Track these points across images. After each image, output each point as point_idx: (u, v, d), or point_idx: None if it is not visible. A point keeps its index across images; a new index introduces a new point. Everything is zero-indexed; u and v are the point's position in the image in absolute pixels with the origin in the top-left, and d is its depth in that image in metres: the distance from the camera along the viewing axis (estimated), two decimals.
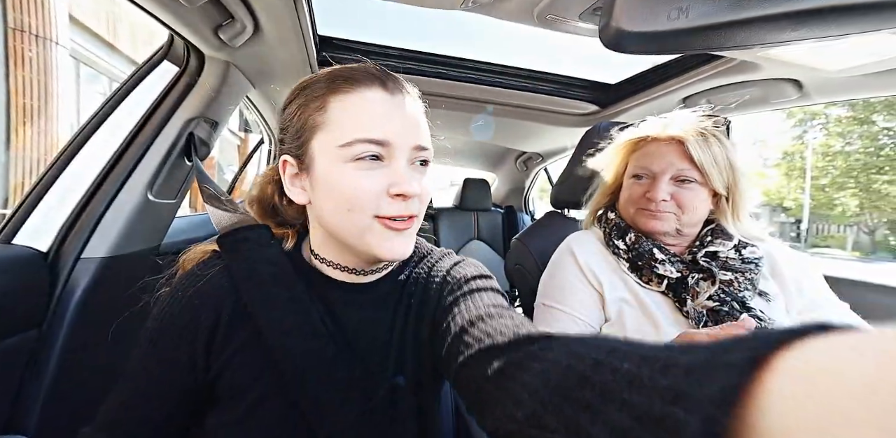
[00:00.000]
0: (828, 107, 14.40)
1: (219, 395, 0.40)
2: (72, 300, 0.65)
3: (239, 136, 6.95)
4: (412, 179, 0.38)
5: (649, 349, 0.20)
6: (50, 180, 0.68)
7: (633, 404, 0.17)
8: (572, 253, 0.70)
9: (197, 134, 0.80)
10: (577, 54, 23.21)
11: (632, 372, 0.18)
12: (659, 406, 0.16)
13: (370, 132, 0.36)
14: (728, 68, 0.84)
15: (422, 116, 0.41)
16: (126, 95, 0.74)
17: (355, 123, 0.37)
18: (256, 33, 0.76)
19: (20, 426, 0.60)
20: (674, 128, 0.64)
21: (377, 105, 0.37)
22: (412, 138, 0.38)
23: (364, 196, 0.37)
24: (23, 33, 2.98)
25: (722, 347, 0.16)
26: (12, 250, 0.62)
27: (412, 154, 0.39)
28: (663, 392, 0.16)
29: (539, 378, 0.24)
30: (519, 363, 0.27)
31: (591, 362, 0.21)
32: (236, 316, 0.40)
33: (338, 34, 1.07)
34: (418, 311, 0.45)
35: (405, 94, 0.40)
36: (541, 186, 2.50)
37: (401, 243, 0.39)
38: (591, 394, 0.20)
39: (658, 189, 0.63)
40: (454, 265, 0.47)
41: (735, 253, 0.64)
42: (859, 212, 14.61)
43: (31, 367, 0.62)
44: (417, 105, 0.41)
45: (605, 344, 0.22)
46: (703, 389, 0.14)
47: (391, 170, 0.37)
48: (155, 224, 0.81)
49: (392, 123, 0.37)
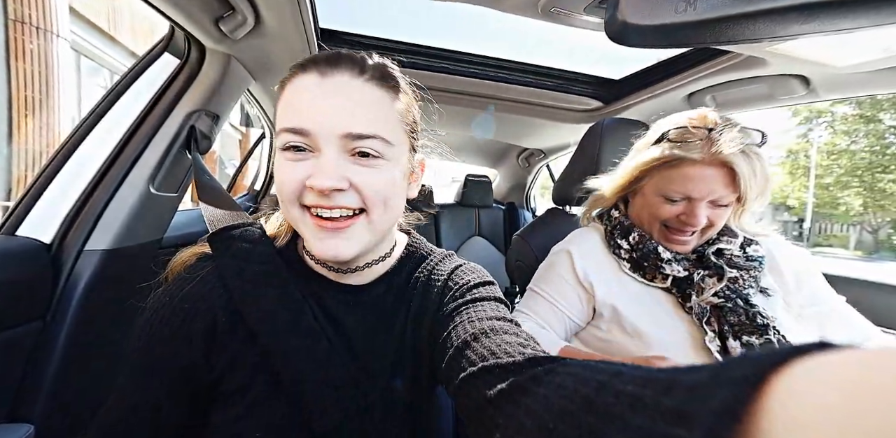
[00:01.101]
0: (834, 105, 14.25)
1: (221, 394, 0.40)
2: (75, 292, 0.65)
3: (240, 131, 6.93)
4: (336, 171, 0.34)
5: (654, 371, 0.20)
6: (52, 172, 0.68)
7: (636, 426, 0.17)
8: (569, 253, 0.70)
9: (198, 127, 0.80)
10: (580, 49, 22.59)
11: (635, 394, 0.18)
12: (662, 427, 0.16)
13: (290, 120, 0.35)
14: (735, 64, 0.83)
15: (362, 97, 0.35)
16: (127, 88, 0.74)
17: (283, 112, 0.36)
18: (257, 25, 0.75)
19: (26, 415, 0.61)
20: (720, 151, 0.55)
21: (304, 92, 0.35)
22: (340, 126, 0.34)
23: (286, 187, 0.36)
24: (23, 25, 2.97)
25: (725, 365, 0.16)
26: (16, 241, 0.62)
27: (344, 143, 0.34)
28: (665, 412, 0.16)
29: (542, 402, 0.23)
30: (522, 386, 0.26)
31: (595, 385, 0.21)
32: (232, 316, 0.39)
33: (339, 27, 1.06)
34: (417, 315, 0.44)
35: (343, 76, 0.35)
36: (542, 183, 2.49)
37: (335, 244, 0.36)
38: (594, 418, 0.19)
39: (699, 216, 0.58)
40: (455, 269, 0.46)
41: (740, 250, 0.64)
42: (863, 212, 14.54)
43: (36, 358, 0.62)
44: (357, 85, 0.35)
45: (610, 368, 0.22)
46: (704, 406, 0.14)
47: (316, 161, 0.35)
48: (157, 217, 0.81)
49: (313, 110, 0.34)
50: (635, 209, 0.69)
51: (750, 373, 0.14)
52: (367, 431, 0.39)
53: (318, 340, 0.39)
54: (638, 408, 0.17)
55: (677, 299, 0.62)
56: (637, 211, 0.68)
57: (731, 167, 0.55)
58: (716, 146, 0.55)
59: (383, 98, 0.36)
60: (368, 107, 0.35)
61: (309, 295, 0.41)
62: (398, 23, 26.84)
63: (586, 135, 0.92)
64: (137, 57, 0.77)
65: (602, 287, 0.65)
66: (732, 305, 0.58)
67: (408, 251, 0.48)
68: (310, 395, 0.38)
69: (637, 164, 0.64)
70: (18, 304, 0.59)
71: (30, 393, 0.61)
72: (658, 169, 0.61)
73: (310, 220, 0.36)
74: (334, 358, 0.39)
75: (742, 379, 0.14)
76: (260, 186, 1.67)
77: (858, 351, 0.13)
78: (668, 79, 1.01)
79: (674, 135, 0.60)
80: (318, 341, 0.39)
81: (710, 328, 0.57)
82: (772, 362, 0.14)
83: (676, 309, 0.62)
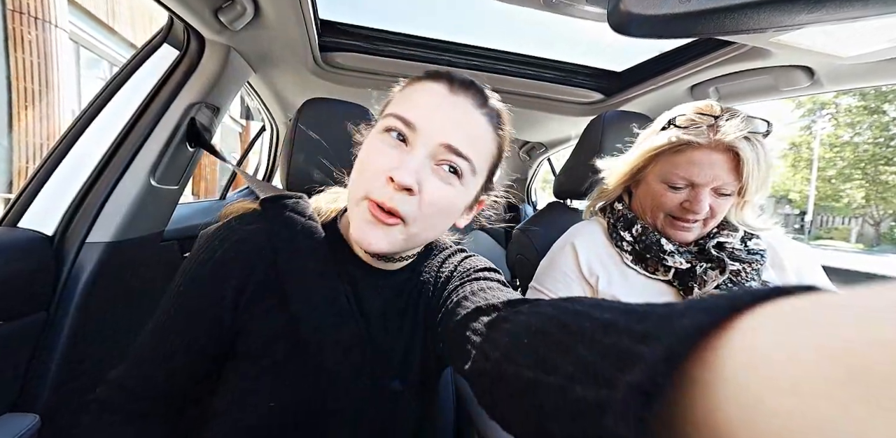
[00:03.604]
0: (838, 97, 14.07)
1: (237, 355, 0.41)
2: (78, 283, 0.66)
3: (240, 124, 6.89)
4: (416, 173, 0.35)
5: (631, 305, 0.20)
6: (53, 164, 0.68)
7: (603, 343, 0.18)
8: (573, 246, 0.70)
9: (198, 119, 0.80)
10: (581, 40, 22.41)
11: (609, 320, 0.19)
12: (627, 344, 0.16)
13: (405, 110, 0.37)
14: (738, 55, 0.82)
15: (476, 126, 0.38)
16: (126, 79, 0.73)
17: (400, 102, 0.39)
18: (257, 16, 0.74)
19: (31, 405, 0.62)
20: (726, 136, 0.55)
21: (429, 95, 0.38)
22: (443, 134, 0.36)
23: (371, 167, 0.37)
24: (21, 15, 2.94)
25: (700, 300, 0.16)
26: (18, 233, 0.63)
27: (438, 151, 0.36)
28: (633, 334, 0.17)
29: (522, 325, 0.25)
30: (505, 317, 0.28)
31: (573, 312, 0.22)
32: (267, 280, 0.41)
33: (339, 18, 1.04)
34: (428, 302, 0.46)
35: (467, 100, 0.38)
36: (543, 177, 2.48)
37: (375, 235, 0.37)
38: (565, 336, 0.20)
39: (703, 202, 0.58)
40: (464, 259, 0.49)
41: (741, 244, 0.64)
42: (865, 204, 14.48)
43: (41, 349, 0.63)
44: (476, 114, 0.38)
45: (590, 300, 0.23)
46: (670, 328, 0.15)
47: (405, 155, 0.36)
48: (158, 209, 0.81)
49: (429, 111, 0.37)
50: (638, 200, 0.69)
51: (723, 305, 0.14)
52: (378, 411, 0.42)
53: (347, 321, 0.41)
54: (610, 331, 0.18)
55: (679, 292, 0.63)
56: (640, 201, 0.68)
57: (735, 152, 0.56)
58: (722, 131, 0.56)
59: (489, 133, 0.40)
60: (476, 134, 0.39)
61: (344, 275, 0.43)
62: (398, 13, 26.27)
63: (588, 127, 0.92)
64: (136, 48, 0.76)
65: (604, 279, 0.66)
66: None
67: (429, 244, 0.51)
68: (326, 370, 0.40)
69: (643, 151, 0.64)
70: (22, 296, 0.60)
71: (35, 384, 0.62)
72: (663, 155, 0.62)
73: (364, 205, 0.37)
74: (357, 340, 0.41)
75: (713, 309, 0.14)
76: (261, 179, 1.67)
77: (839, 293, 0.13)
78: (671, 71, 0.99)
79: (681, 121, 0.60)
80: (346, 322, 0.41)
81: None
82: (749, 298, 0.14)
83: None
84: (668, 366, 0.13)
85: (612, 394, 0.15)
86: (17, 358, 0.61)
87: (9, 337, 0.58)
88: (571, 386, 0.17)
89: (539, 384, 0.19)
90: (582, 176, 0.85)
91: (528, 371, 0.21)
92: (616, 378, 0.15)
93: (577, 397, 0.17)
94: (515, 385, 0.21)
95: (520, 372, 0.21)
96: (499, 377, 0.23)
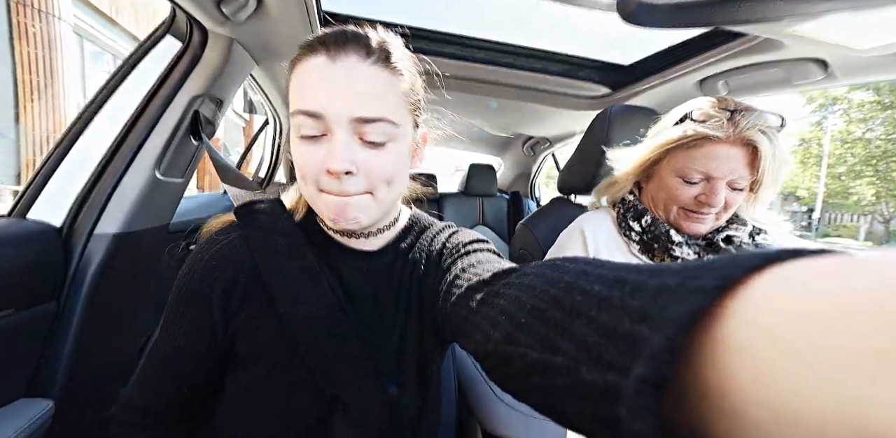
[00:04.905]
0: (851, 91, 13.77)
1: (236, 359, 0.43)
2: (87, 273, 0.67)
3: (244, 118, 6.89)
4: (347, 155, 0.36)
5: (619, 271, 0.20)
6: (60, 157, 0.69)
7: (600, 322, 0.18)
8: (582, 233, 0.70)
9: (202, 112, 0.79)
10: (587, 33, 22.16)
11: (601, 294, 0.19)
12: (626, 325, 0.16)
13: (302, 103, 0.36)
14: (750, 47, 0.80)
15: (369, 82, 0.36)
16: (130, 71, 0.73)
17: (295, 93, 0.37)
18: (259, 8, 0.73)
19: (46, 391, 0.64)
20: (745, 130, 0.55)
21: (314, 74, 0.36)
22: (345, 109, 0.35)
23: (306, 170, 0.38)
24: (26, 7, 2.93)
25: (692, 271, 0.16)
26: (28, 225, 0.64)
27: (354, 127, 0.36)
28: (631, 312, 0.16)
29: (514, 302, 0.25)
30: (497, 291, 0.28)
31: (562, 285, 0.22)
32: (252, 283, 0.42)
33: (342, 10, 1.03)
34: (420, 280, 0.46)
35: (350, 59, 0.35)
36: (547, 173, 2.46)
37: (348, 209, 0.38)
38: (561, 314, 0.20)
39: (719, 195, 0.58)
40: (452, 234, 0.49)
41: (749, 238, 0.64)
42: (875, 201, 14.27)
43: (53, 337, 0.64)
44: (365, 69, 0.36)
45: (575, 268, 0.23)
46: (668, 311, 0.15)
47: (330, 144, 0.36)
48: (164, 202, 0.82)
49: (323, 94, 0.35)
50: (649, 193, 0.68)
51: (718, 282, 0.14)
52: (380, 396, 0.42)
53: (333, 311, 0.41)
54: (604, 307, 0.18)
55: None
56: (651, 195, 0.67)
57: (753, 146, 0.56)
58: (740, 126, 0.55)
59: (388, 79, 0.37)
60: (375, 91, 0.36)
61: (326, 265, 0.44)
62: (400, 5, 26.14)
63: (593, 122, 0.90)
64: (139, 40, 0.76)
65: None
66: None
67: (410, 221, 0.51)
68: (323, 363, 0.41)
69: (658, 144, 0.63)
70: (33, 286, 0.61)
71: (49, 371, 0.64)
72: (679, 149, 0.61)
73: (324, 201, 0.39)
74: (347, 328, 0.42)
75: (708, 288, 0.14)
76: (264, 173, 1.67)
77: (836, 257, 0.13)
78: (680, 64, 0.97)
79: (697, 115, 0.60)
80: (333, 312, 0.41)
81: None
82: (743, 269, 0.14)
83: None
84: (672, 355, 0.13)
85: (620, 382, 0.15)
86: (30, 345, 0.62)
87: (22, 325, 0.59)
88: (577, 367, 0.17)
89: (546, 364, 0.20)
90: (586, 171, 0.84)
91: (533, 352, 0.21)
92: (621, 364, 0.15)
93: (584, 379, 0.17)
94: (521, 365, 0.22)
95: (524, 353, 0.21)
96: (505, 357, 0.23)
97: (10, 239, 0.58)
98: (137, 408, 0.44)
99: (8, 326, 0.57)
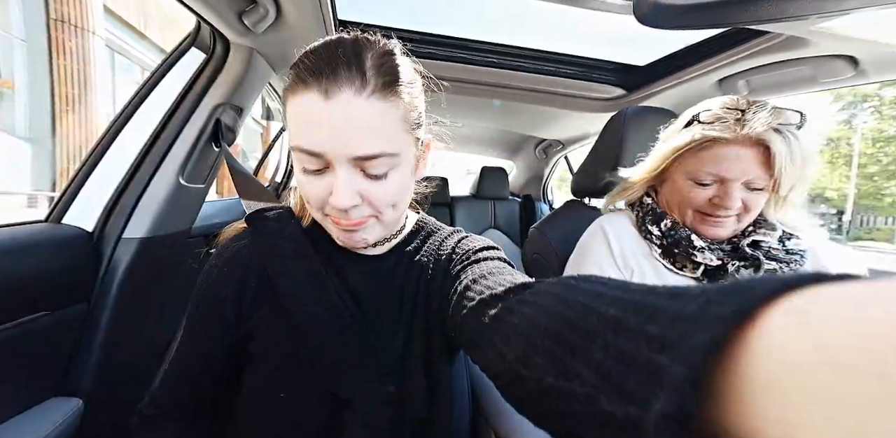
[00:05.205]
0: (882, 88, 13.14)
1: (249, 356, 0.45)
2: (115, 276, 0.70)
3: (261, 124, 7.09)
4: (350, 192, 0.36)
5: (635, 293, 0.20)
6: (92, 165, 0.72)
7: (617, 347, 0.17)
8: (605, 236, 0.68)
9: (223, 120, 0.82)
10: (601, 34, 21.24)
11: (617, 318, 0.18)
12: (645, 353, 0.16)
13: (300, 141, 0.35)
14: (773, 45, 0.77)
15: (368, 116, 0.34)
16: (158, 82, 0.77)
17: (293, 129, 0.36)
18: (278, 18, 0.76)
19: (75, 390, 0.66)
20: (754, 129, 0.53)
21: (309, 112, 0.34)
22: (347, 149, 0.34)
23: (310, 199, 0.39)
24: (63, 24, 3.11)
25: (711, 297, 0.15)
26: (63, 229, 0.67)
27: (355, 163, 0.36)
28: (649, 339, 0.16)
29: (528, 321, 0.25)
30: (510, 307, 0.28)
31: (578, 307, 0.22)
32: (262, 287, 0.44)
33: (357, 18, 1.05)
34: (428, 285, 0.47)
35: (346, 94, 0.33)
36: (559, 176, 2.44)
37: (356, 238, 0.40)
38: (577, 337, 0.20)
39: (733, 198, 0.57)
40: (461, 240, 0.49)
41: (779, 243, 0.61)
42: None
43: (83, 337, 0.67)
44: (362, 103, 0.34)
45: (591, 289, 0.23)
46: (688, 339, 0.14)
47: (332, 179, 0.36)
48: (187, 207, 0.85)
49: (320, 133, 0.34)
50: (664, 197, 0.67)
51: (737, 309, 0.13)
52: (386, 397, 0.42)
53: (339, 313, 0.42)
54: (620, 332, 0.17)
55: None
56: (667, 198, 0.66)
57: (765, 145, 0.53)
58: (749, 125, 0.53)
59: (386, 109, 0.35)
60: (372, 126, 0.35)
61: (332, 270, 0.45)
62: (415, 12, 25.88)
63: (608, 124, 0.89)
64: (165, 53, 0.80)
65: (638, 273, 0.64)
66: None
67: (417, 226, 0.52)
68: (328, 364, 0.42)
69: (667, 150, 0.62)
70: (66, 288, 0.64)
71: (78, 370, 0.66)
72: (688, 152, 0.60)
73: (331, 223, 0.41)
74: (353, 330, 0.43)
75: (728, 316, 0.13)
76: (281, 178, 1.71)
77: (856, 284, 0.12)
78: (698, 64, 0.95)
79: (705, 117, 0.58)
80: (339, 314, 0.42)
81: None
82: (762, 296, 0.13)
83: None
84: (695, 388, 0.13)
85: (642, 416, 0.14)
86: (61, 345, 0.65)
87: (54, 326, 0.62)
88: (596, 396, 0.17)
89: (562, 391, 0.19)
90: (601, 173, 0.83)
91: (549, 377, 0.20)
92: (641, 396, 0.15)
93: (603, 409, 0.16)
94: (537, 389, 0.21)
95: (539, 377, 0.21)
96: (519, 379, 0.23)
97: (48, 243, 0.62)
98: (162, 405, 0.47)
99: (43, 327, 0.60)
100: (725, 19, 0.30)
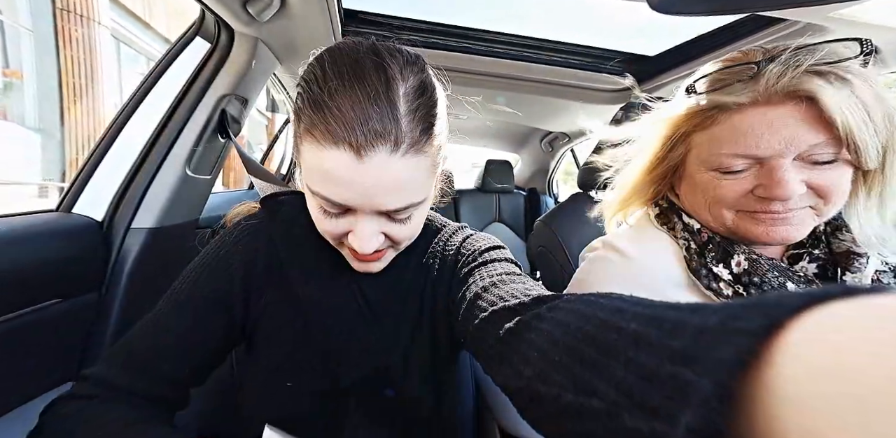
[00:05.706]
0: None
1: (255, 343, 0.45)
2: (125, 266, 0.71)
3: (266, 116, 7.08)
4: (372, 235, 0.35)
5: (656, 308, 0.19)
6: (100, 155, 0.73)
7: (639, 362, 0.17)
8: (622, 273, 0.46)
9: (229, 111, 0.82)
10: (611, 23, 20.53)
11: (638, 332, 0.18)
12: (668, 367, 0.15)
13: (325, 192, 0.33)
14: (789, 33, 0.75)
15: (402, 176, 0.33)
16: (163, 72, 0.77)
17: (314, 176, 0.34)
18: (283, 7, 0.75)
19: None
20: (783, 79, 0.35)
21: (341, 171, 0.32)
22: (376, 205, 0.34)
23: (327, 235, 0.38)
24: (69, 13, 3.11)
25: (734, 311, 0.15)
26: (73, 219, 0.68)
27: (381, 212, 0.35)
28: (672, 353, 0.16)
29: (546, 337, 0.24)
30: (527, 323, 0.27)
31: (597, 322, 0.21)
32: (272, 270, 0.44)
33: (362, 7, 1.04)
34: (435, 284, 0.46)
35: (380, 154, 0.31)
36: (565, 169, 2.41)
37: (374, 265, 0.40)
38: (596, 353, 0.20)
39: (785, 181, 0.37)
40: (466, 238, 0.48)
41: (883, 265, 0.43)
42: None
43: (95, 325, 0.69)
44: (397, 163, 0.32)
45: (610, 304, 0.22)
46: (714, 353, 0.14)
47: (355, 220, 0.35)
48: (194, 198, 0.86)
49: (350, 190, 0.32)
50: (686, 200, 0.48)
51: (763, 323, 0.13)
52: (387, 389, 0.43)
53: (350, 301, 0.43)
54: (642, 346, 0.17)
55: None
56: (688, 202, 0.47)
57: (809, 97, 0.35)
58: (771, 75, 0.36)
59: (417, 162, 0.33)
60: (404, 182, 0.33)
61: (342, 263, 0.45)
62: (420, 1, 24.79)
63: (617, 116, 0.88)
64: (170, 43, 0.79)
65: None
66: None
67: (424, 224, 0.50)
68: (336, 349, 0.42)
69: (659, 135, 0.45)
70: (77, 276, 0.65)
71: (91, 357, 0.68)
72: (695, 132, 0.42)
73: (347, 251, 0.40)
74: (361, 320, 0.43)
75: (754, 329, 0.13)
76: (286, 170, 1.72)
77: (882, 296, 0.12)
78: (710, 54, 0.93)
79: (703, 83, 0.41)
80: (349, 301, 0.43)
81: None
82: (788, 310, 0.13)
83: None
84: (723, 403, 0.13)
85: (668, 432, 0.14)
86: (75, 333, 0.66)
87: (66, 313, 0.63)
88: (618, 413, 0.17)
89: (582, 408, 0.19)
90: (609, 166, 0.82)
91: (568, 394, 0.20)
92: (667, 411, 0.15)
93: (626, 426, 0.16)
94: (555, 407, 0.21)
95: (558, 395, 0.21)
96: (537, 396, 0.23)
97: (59, 232, 0.63)
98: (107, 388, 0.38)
99: (56, 314, 0.61)
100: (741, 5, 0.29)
